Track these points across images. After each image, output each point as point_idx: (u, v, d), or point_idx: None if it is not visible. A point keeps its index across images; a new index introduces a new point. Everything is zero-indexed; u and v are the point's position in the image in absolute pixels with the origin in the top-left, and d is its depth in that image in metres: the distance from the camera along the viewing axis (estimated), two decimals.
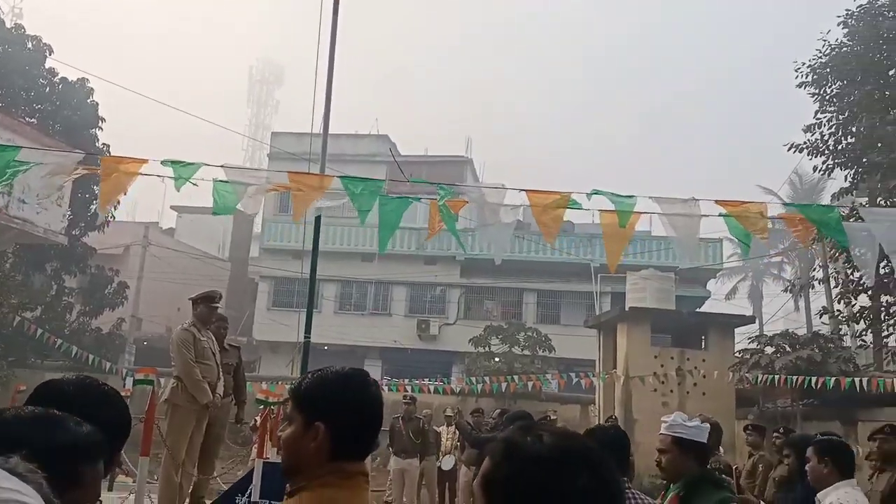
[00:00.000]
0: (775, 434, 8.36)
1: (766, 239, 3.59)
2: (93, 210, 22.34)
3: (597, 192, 2.75)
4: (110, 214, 22.67)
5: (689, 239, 2.73)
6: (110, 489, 10.85)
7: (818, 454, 3.74)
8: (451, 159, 30.88)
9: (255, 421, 11.70)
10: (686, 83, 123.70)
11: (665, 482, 3.36)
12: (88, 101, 22.49)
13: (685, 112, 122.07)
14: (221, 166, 3.24)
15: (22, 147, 3.11)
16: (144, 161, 2.87)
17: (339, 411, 1.61)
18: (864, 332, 18.05)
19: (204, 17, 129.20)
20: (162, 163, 2.85)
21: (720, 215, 2.91)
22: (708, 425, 3.36)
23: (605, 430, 3.52)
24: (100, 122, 22.68)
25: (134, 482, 11.20)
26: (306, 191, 3.04)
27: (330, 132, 7.95)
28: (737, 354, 17.09)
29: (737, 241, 3.44)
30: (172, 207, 35.41)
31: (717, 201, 2.89)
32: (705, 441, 3.19)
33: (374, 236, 28.63)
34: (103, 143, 22.36)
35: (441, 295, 29.44)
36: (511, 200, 2.98)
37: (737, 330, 17.81)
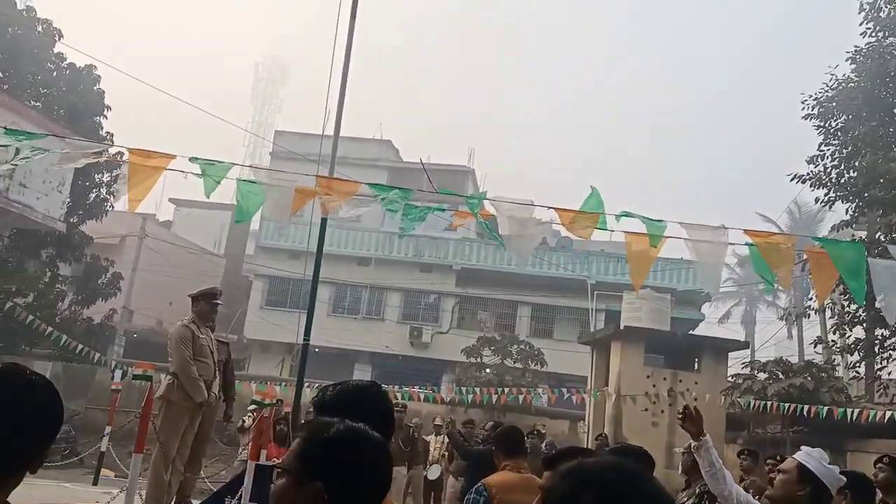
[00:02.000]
0: (769, 460, 8.35)
1: (788, 276, 3.49)
2: (92, 198, 22.24)
3: (626, 215, 2.73)
4: (111, 204, 22.62)
5: (714, 266, 2.70)
6: (95, 483, 10.76)
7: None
8: (454, 168, 30.91)
9: (243, 421, 11.63)
10: (691, 102, 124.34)
11: None
12: (95, 87, 22.41)
13: (688, 131, 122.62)
14: (250, 166, 3.20)
15: (46, 135, 3.07)
16: (172, 157, 2.84)
17: (344, 474, 1.51)
18: (857, 364, 18.10)
19: (211, 11, 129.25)
20: (190, 160, 2.82)
21: (746, 244, 2.89)
22: (844, 478, 3.20)
23: (629, 450, 3.47)
24: (105, 109, 22.60)
25: (116, 476, 11.12)
26: (334, 195, 3.02)
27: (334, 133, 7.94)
28: (729, 379, 17.13)
29: (760, 276, 3.38)
30: (171, 200, 35.31)
31: (745, 231, 2.87)
32: (830, 489, 3.05)
33: (371, 240, 28.69)
34: (107, 132, 22.28)
35: (435, 303, 29.40)
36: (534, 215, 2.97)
37: (730, 354, 17.84)
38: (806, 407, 13.74)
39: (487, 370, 21.86)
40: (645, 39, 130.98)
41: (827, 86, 18.66)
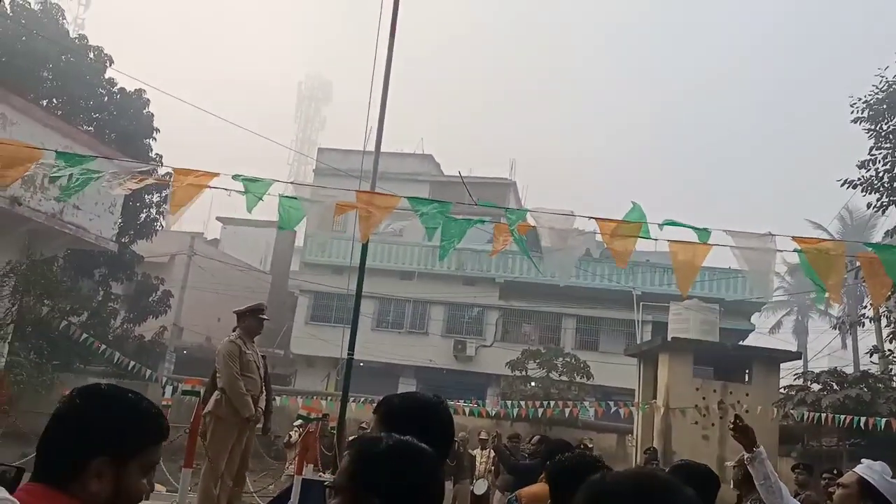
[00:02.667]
0: (825, 474, 8.10)
1: (838, 285, 3.35)
2: (143, 218, 22.83)
3: (670, 223, 2.68)
4: (161, 224, 23.19)
5: (763, 275, 2.63)
6: (146, 498, 10.95)
7: None
8: (495, 181, 30.90)
9: (290, 436, 11.74)
10: (738, 107, 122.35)
11: None
12: (144, 111, 23.07)
13: (734, 141, 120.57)
14: (291, 182, 3.25)
15: (95, 157, 3.17)
16: (215, 174, 2.90)
17: (398, 489, 1.49)
18: None
19: (255, 34, 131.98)
20: (233, 177, 2.88)
21: (795, 251, 2.82)
22: None
23: (694, 467, 3.38)
24: (154, 132, 23.23)
25: (168, 491, 11.31)
26: (375, 211, 3.04)
27: (376, 149, 8.02)
28: (782, 390, 16.71)
29: (812, 281, 3.27)
30: (218, 219, 36.00)
31: (794, 238, 2.79)
32: None
33: (413, 254, 28.79)
34: (156, 154, 22.87)
35: (479, 316, 29.32)
36: (574, 226, 2.94)
37: (782, 365, 17.40)
38: (863, 419, 13.30)
39: (533, 383, 21.69)
40: (689, 44, 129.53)
41: (877, 88, 18.18)
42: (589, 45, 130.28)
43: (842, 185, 18.52)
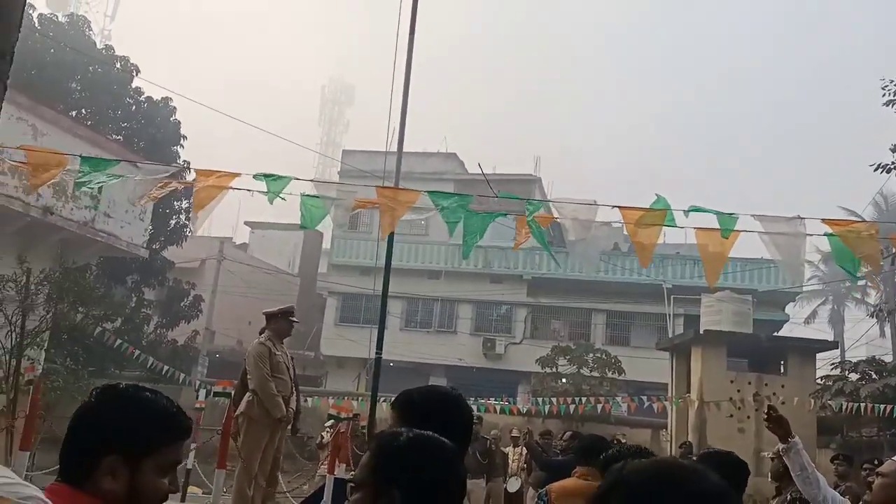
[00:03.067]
0: (865, 465, 7.94)
1: (876, 265, 3.25)
2: (172, 224, 23.13)
3: (695, 209, 2.62)
4: (190, 229, 23.48)
5: (793, 259, 2.56)
6: (182, 500, 11.08)
7: None
8: (520, 177, 30.76)
9: (322, 437, 11.81)
10: (764, 95, 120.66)
11: None
12: (171, 119, 23.37)
13: (763, 125, 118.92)
14: (311, 180, 3.25)
15: (118, 161, 3.20)
16: (237, 175, 2.91)
17: (419, 481, 1.49)
18: None
19: (276, 40, 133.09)
20: (254, 177, 2.88)
21: (825, 235, 2.73)
22: None
23: (723, 456, 3.34)
24: (181, 139, 23.52)
25: (203, 493, 11.44)
26: (395, 206, 3.02)
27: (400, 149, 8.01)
28: (818, 381, 16.46)
29: (842, 268, 3.17)
30: (246, 223, 36.34)
31: (823, 220, 2.72)
32: None
33: (440, 253, 28.81)
34: (184, 160, 23.16)
35: (507, 314, 29.25)
36: (597, 218, 2.89)
37: (818, 355, 17.13)
38: None
39: (563, 380, 21.57)
40: (713, 32, 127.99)
41: None
42: (611, 34, 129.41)
43: (875, 170, 18.14)
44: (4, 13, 3.06)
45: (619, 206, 2.75)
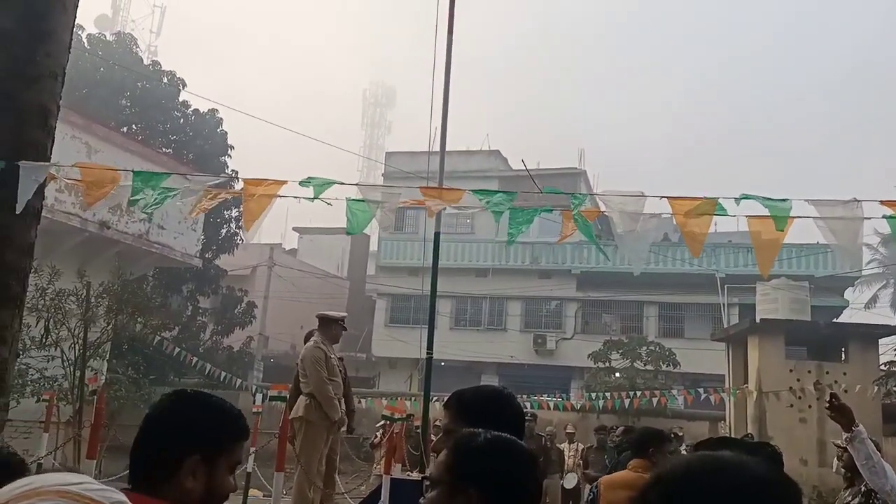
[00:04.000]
0: None
1: None
2: (224, 233, 23.63)
3: (746, 197, 2.56)
4: (241, 237, 23.93)
5: (851, 244, 2.48)
6: (244, 503, 11.30)
7: None
8: (564, 172, 30.53)
9: (377, 436, 11.90)
10: (810, 79, 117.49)
11: None
12: (218, 130, 23.88)
13: (809, 112, 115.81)
14: (356, 184, 3.31)
15: (169, 174, 3.29)
16: (283, 182, 2.96)
17: (497, 481, 1.50)
18: None
19: (317, 46, 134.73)
20: (300, 183, 2.93)
21: (885, 217, 2.64)
22: None
23: (756, 446, 3.26)
24: (229, 149, 24.02)
25: (264, 496, 11.64)
26: (440, 206, 3.04)
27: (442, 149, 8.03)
28: (882, 367, 15.96)
29: None
30: (294, 229, 36.90)
31: (882, 202, 2.62)
32: None
33: (487, 251, 28.78)
34: (232, 170, 23.62)
35: (557, 309, 29.06)
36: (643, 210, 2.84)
37: (880, 341, 16.60)
38: None
39: (617, 374, 21.33)
40: (758, 17, 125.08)
41: None
42: (657, 21, 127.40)
43: None
44: (55, 36, 3.17)
45: (667, 197, 2.71)
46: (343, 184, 3.00)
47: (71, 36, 3.17)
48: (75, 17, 3.05)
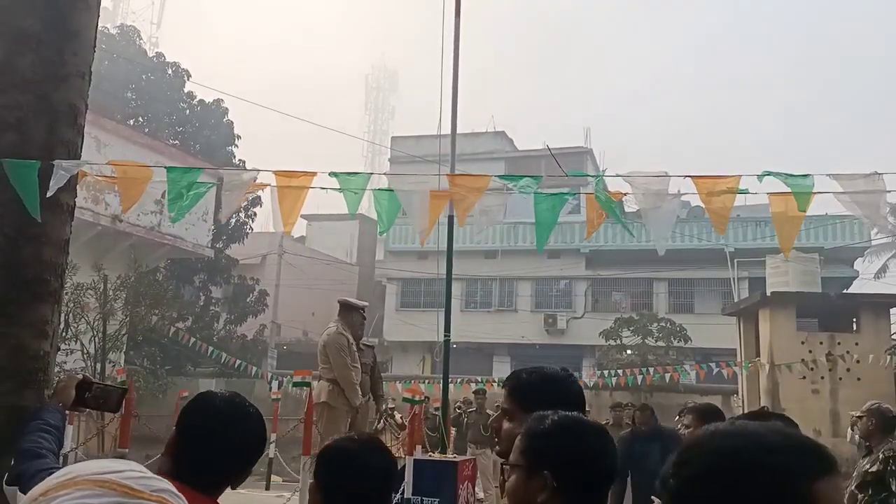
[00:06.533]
0: None
1: None
2: (234, 223, 23.73)
3: (769, 174, 2.62)
4: (249, 227, 23.99)
5: (875, 214, 2.54)
6: (267, 488, 11.48)
7: None
8: (571, 151, 30.47)
9: (392, 418, 12.04)
10: (825, 52, 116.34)
11: None
12: (224, 119, 23.90)
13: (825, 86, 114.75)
14: (384, 174, 3.35)
15: (202, 169, 3.35)
16: (314, 174, 3.01)
17: (570, 461, 1.51)
18: None
19: (316, 34, 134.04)
20: (330, 174, 2.99)
21: None
22: None
23: (771, 417, 3.31)
24: (235, 139, 24.06)
25: (284, 481, 11.81)
26: (467, 193, 3.10)
27: (449, 132, 8.09)
28: (894, 336, 16.00)
29: None
30: (302, 216, 36.86)
31: None
32: None
33: (495, 233, 28.79)
34: (239, 159, 23.69)
35: (567, 288, 29.14)
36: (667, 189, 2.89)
37: (892, 310, 16.64)
38: None
39: (628, 351, 21.44)
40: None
41: None
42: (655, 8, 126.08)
43: None
44: (81, 35, 3.22)
45: (691, 176, 2.77)
46: (373, 174, 3.07)
47: (95, 34, 3.23)
48: (98, 14, 3.11)
